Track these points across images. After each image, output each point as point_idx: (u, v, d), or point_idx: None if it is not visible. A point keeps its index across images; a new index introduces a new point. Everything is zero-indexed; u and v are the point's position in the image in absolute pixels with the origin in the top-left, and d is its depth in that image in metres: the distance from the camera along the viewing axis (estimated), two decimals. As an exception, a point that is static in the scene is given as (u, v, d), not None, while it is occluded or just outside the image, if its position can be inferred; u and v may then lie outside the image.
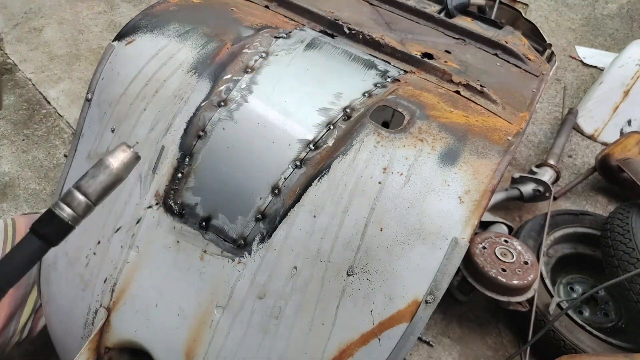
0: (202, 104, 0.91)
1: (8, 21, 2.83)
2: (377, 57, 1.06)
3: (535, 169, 2.08)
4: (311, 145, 0.87)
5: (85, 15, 2.94)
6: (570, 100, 2.85)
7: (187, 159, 0.90)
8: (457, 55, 1.18)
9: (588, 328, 1.55)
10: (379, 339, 0.81)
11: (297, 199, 0.84)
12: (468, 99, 1.00)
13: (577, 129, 2.62)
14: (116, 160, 0.50)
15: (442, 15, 1.40)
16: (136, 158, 0.52)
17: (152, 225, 0.90)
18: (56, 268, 0.98)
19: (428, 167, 0.83)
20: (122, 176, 0.50)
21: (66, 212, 0.47)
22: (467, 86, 1.03)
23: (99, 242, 0.94)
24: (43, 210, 1.04)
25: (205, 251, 0.87)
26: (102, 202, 0.54)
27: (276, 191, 0.85)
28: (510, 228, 1.83)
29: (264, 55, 0.98)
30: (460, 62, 1.15)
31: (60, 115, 2.27)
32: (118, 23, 2.91)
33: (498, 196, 1.92)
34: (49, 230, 0.46)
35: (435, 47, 1.20)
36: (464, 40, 1.29)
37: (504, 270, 1.38)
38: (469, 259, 1.39)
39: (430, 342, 1.57)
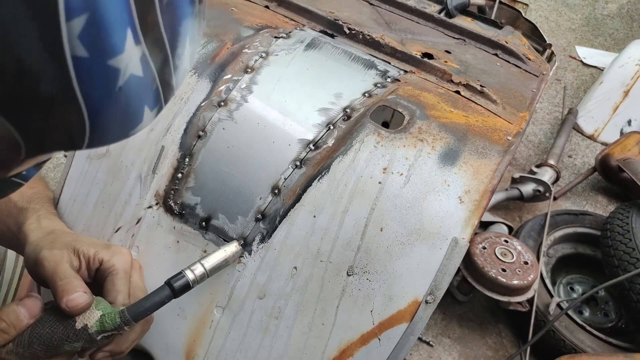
0: (202, 104, 0.91)
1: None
2: (377, 57, 1.06)
3: (535, 169, 2.08)
4: (311, 145, 0.87)
5: (85, 15, 2.94)
6: (570, 100, 2.85)
7: (187, 159, 0.90)
8: (457, 55, 1.18)
9: (588, 328, 1.55)
10: (379, 339, 0.81)
11: (297, 199, 0.84)
12: (468, 99, 1.00)
13: (577, 129, 2.62)
14: (229, 251, 0.73)
15: (442, 15, 1.40)
16: (241, 252, 0.75)
17: (152, 226, 0.90)
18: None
19: (428, 167, 0.83)
20: (229, 262, 0.71)
21: (190, 276, 0.66)
22: (467, 86, 1.03)
23: (98, 242, 0.94)
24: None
25: (205, 251, 0.87)
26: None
27: (276, 191, 0.85)
28: (510, 228, 1.83)
29: (264, 55, 0.98)
30: (460, 62, 1.15)
31: (60, 115, 2.27)
32: (118, 23, 2.91)
33: (498, 196, 1.92)
34: (177, 285, 0.65)
35: (435, 47, 1.20)
36: (464, 40, 1.29)
37: (504, 270, 1.38)
38: (469, 259, 1.39)
39: (430, 342, 1.56)
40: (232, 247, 0.78)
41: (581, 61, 3.14)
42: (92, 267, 0.65)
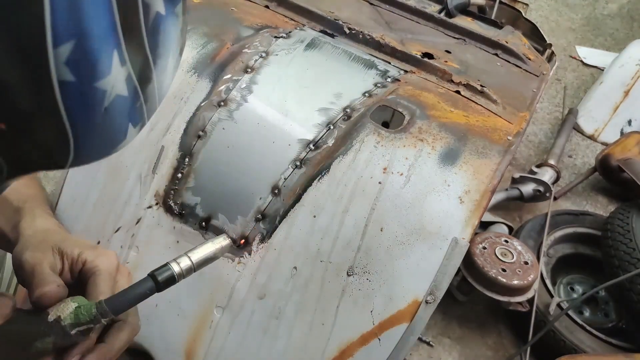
0: (202, 104, 0.91)
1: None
2: (377, 57, 1.06)
3: (535, 169, 2.08)
4: (311, 145, 0.87)
5: (85, 15, 2.94)
6: (570, 100, 2.85)
7: (187, 159, 0.90)
8: (457, 55, 1.18)
9: (588, 328, 1.54)
10: (379, 339, 0.81)
11: (297, 199, 0.84)
12: (468, 98, 1.00)
13: (577, 129, 2.62)
14: (218, 244, 0.68)
15: (442, 15, 1.40)
16: (230, 245, 0.71)
17: (152, 226, 0.90)
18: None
19: (428, 167, 0.83)
20: (218, 256, 0.67)
21: (175, 269, 0.61)
22: (467, 86, 1.03)
23: (98, 242, 0.94)
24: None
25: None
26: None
27: (276, 191, 0.85)
28: (510, 228, 1.83)
29: (264, 55, 0.97)
30: (460, 62, 1.15)
31: (60, 115, 2.27)
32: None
33: (498, 196, 1.92)
34: (161, 278, 0.59)
35: (435, 47, 1.20)
36: (464, 40, 1.29)
37: (504, 270, 1.38)
38: (469, 259, 1.39)
39: (430, 342, 1.56)
40: (221, 240, 0.75)
41: (581, 61, 3.14)
42: (75, 269, 0.63)
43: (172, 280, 0.61)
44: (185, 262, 0.63)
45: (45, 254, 0.62)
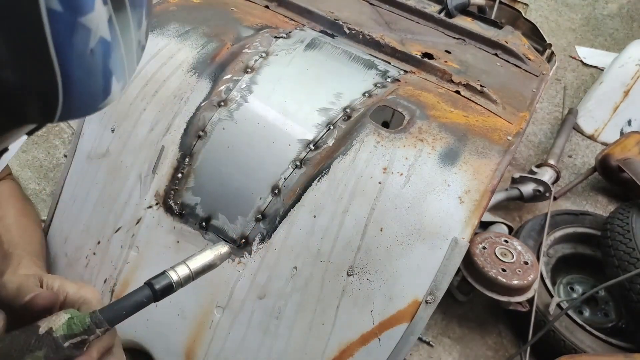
0: (202, 104, 0.91)
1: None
2: (377, 57, 1.06)
3: (535, 169, 2.07)
4: (311, 145, 0.87)
5: (85, 15, 2.94)
6: (570, 100, 2.85)
7: (187, 159, 0.90)
8: (457, 55, 1.18)
9: (588, 328, 1.54)
10: (379, 339, 0.81)
11: (297, 199, 0.84)
12: (468, 99, 1.00)
13: (577, 129, 2.62)
14: (217, 251, 0.67)
15: (442, 15, 1.40)
16: (229, 253, 0.69)
17: (152, 226, 0.90)
18: (56, 268, 0.98)
19: (428, 167, 0.83)
20: (217, 264, 0.65)
21: (173, 277, 0.59)
22: (467, 86, 1.03)
23: (98, 242, 0.94)
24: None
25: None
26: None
27: (276, 191, 0.85)
28: (510, 228, 1.83)
29: (264, 55, 0.97)
30: (460, 62, 1.15)
31: (60, 115, 2.26)
32: (118, 23, 2.90)
33: (498, 196, 1.92)
34: (159, 287, 0.58)
35: (435, 47, 1.20)
36: (464, 40, 1.29)
37: (504, 270, 1.38)
38: (469, 259, 1.39)
39: (430, 342, 1.56)
40: (221, 248, 0.73)
41: (581, 61, 3.14)
42: (57, 299, 0.62)
43: (169, 289, 0.60)
44: (183, 271, 0.62)
45: (28, 277, 0.60)
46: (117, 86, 0.35)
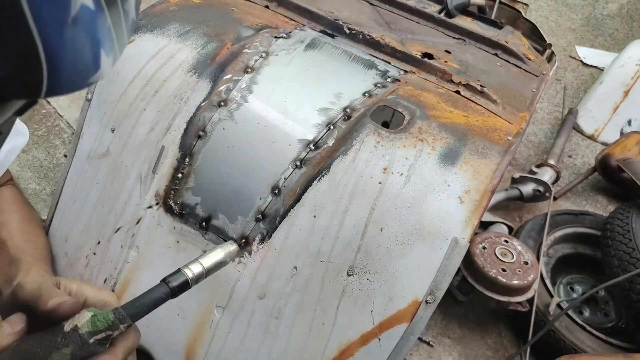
0: (202, 104, 0.91)
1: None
2: (377, 57, 1.06)
3: (535, 169, 2.07)
4: (311, 145, 0.87)
5: (85, 15, 2.93)
6: (570, 100, 2.85)
7: (187, 159, 0.90)
8: (457, 55, 1.18)
9: (588, 328, 1.55)
10: (379, 339, 0.81)
11: (297, 199, 0.84)
12: (468, 99, 1.00)
13: (577, 129, 2.62)
14: (227, 249, 0.71)
15: (442, 15, 1.40)
16: (237, 251, 0.75)
17: (152, 226, 0.90)
18: (56, 268, 0.98)
19: (428, 167, 0.83)
20: (227, 261, 0.69)
21: (189, 274, 0.64)
22: (467, 86, 1.03)
23: (98, 242, 0.94)
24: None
25: (205, 251, 0.87)
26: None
27: (276, 191, 0.85)
28: (510, 228, 1.83)
29: (264, 55, 0.97)
30: (460, 62, 1.15)
31: (60, 115, 2.27)
32: (118, 23, 2.90)
33: (498, 196, 1.92)
34: (175, 284, 0.61)
35: (435, 47, 1.20)
36: (464, 40, 1.29)
37: (504, 270, 1.38)
38: (469, 259, 1.39)
39: (430, 342, 1.56)
40: (230, 246, 0.76)
41: (581, 61, 3.14)
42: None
43: (185, 285, 0.63)
44: (197, 268, 0.65)
45: (45, 278, 0.60)
46: (107, 60, 0.34)
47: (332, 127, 0.88)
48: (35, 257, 0.78)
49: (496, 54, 1.26)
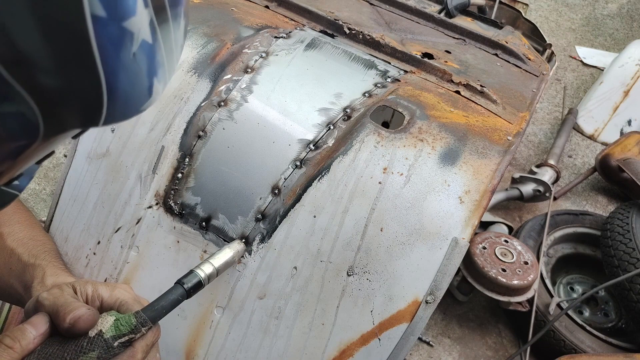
0: (202, 104, 0.91)
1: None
2: (377, 57, 1.06)
3: (535, 169, 2.08)
4: (311, 145, 0.87)
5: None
6: (570, 100, 2.85)
7: (187, 159, 0.90)
8: (457, 55, 1.18)
9: (588, 328, 1.55)
10: (379, 339, 0.81)
11: (297, 199, 0.84)
12: (468, 99, 1.00)
13: (577, 129, 2.62)
14: (234, 248, 0.72)
15: (442, 15, 1.40)
16: (244, 250, 0.76)
17: (152, 226, 0.90)
18: (56, 268, 0.98)
19: (428, 167, 0.83)
20: (235, 260, 0.70)
21: (202, 275, 0.65)
22: (467, 86, 1.03)
23: (98, 242, 0.94)
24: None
25: (205, 251, 0.87)
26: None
27: (276, 191, 0.85)
28: (510, 228, 1.83)
29: (264, 55, 0.98)
30: (460, 62, 1.15)
31: (60, 115, 2.26)
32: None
33: (498, 196, 1.92)
34: (189, 285, 0.63)
35: (435, 47, 1.20)
36: (464, 40, 1.29)
37: (504, 270, 1.38)
38: (469, 259, 1.39)
39: (430, 342, 1.56)
40: (238, 246, 0.77)
41: (581, 61, 3.14)
42: (92, 305, 0.63)
43: (199, 285, 0.64)
44: (208, 268, 0.66)
45: (61, 290, 0.61)
46: (159, 87, 0.35)
47: (332, 127, 0.88)
48: (48, 260, 0.79)
49: (496, 54, 1.26)
